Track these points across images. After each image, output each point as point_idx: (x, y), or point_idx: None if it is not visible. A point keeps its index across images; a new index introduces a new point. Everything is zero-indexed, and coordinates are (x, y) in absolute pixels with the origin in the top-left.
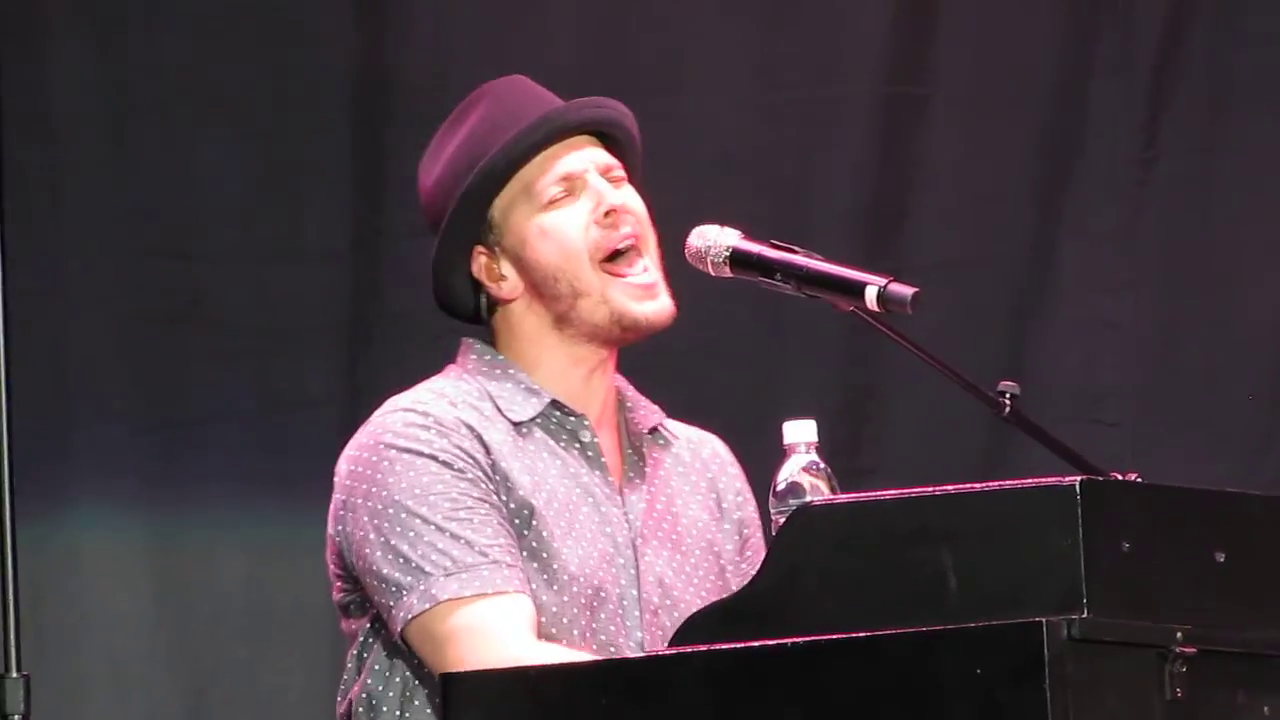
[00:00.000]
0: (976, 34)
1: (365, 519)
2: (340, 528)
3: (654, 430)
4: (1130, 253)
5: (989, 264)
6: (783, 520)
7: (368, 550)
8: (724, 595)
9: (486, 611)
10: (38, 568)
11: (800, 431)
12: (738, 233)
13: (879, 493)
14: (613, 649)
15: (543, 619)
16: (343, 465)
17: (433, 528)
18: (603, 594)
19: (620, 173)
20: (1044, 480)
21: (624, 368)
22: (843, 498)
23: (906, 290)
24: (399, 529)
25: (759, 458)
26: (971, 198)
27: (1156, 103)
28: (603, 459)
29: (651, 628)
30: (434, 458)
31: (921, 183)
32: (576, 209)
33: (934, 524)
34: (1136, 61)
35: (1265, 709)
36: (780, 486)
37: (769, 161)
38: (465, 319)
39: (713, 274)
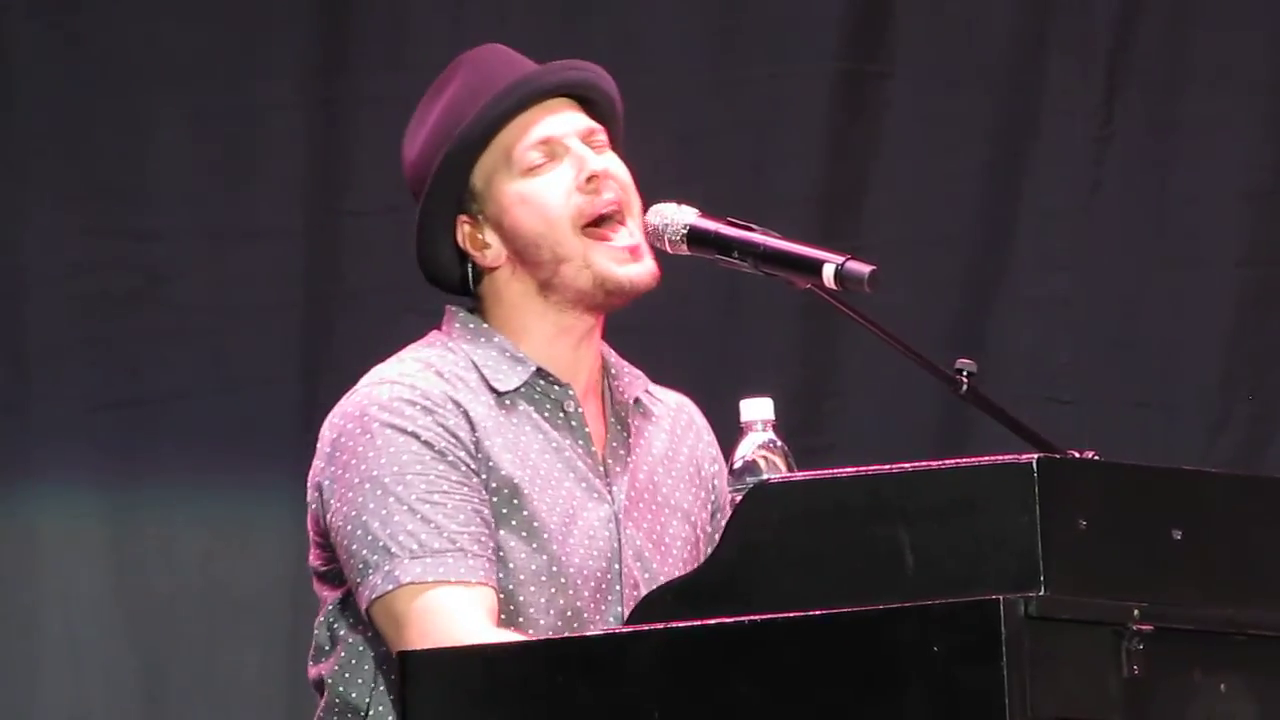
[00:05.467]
0: (933, 12)
1: (342, 491)
2: (318, 495)
3: (636, 399)
4: (1086, 231)
5: (946, 242)
6: (739, 498)
7: (340, 523)
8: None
9: (447, 598)
10: None
11: (757, 409)
12: (695, 210)
13: (836, 470)
14: (593, 626)
15: (523, 597)
16: (326, 432)
17: (405, 508)
18: (585, 572)
19: (602, 137)
20: (1001, 458)
21: None
22: (799, 475)
23: (864, 268)
24: (372, 505)
25: (716, 436)
26: (928, 176)
27: (1112, 82)
28: (586, 429)
29: (630, 603)
30: (416, 436)
31: (879, 161)
32: (558, 175)
33: (891, 501)
34: (1092, 41)
35: (1221, 686)
36: (737, 464)
37: (726, 139)
38: (453, 290)
39: (670, 251)
